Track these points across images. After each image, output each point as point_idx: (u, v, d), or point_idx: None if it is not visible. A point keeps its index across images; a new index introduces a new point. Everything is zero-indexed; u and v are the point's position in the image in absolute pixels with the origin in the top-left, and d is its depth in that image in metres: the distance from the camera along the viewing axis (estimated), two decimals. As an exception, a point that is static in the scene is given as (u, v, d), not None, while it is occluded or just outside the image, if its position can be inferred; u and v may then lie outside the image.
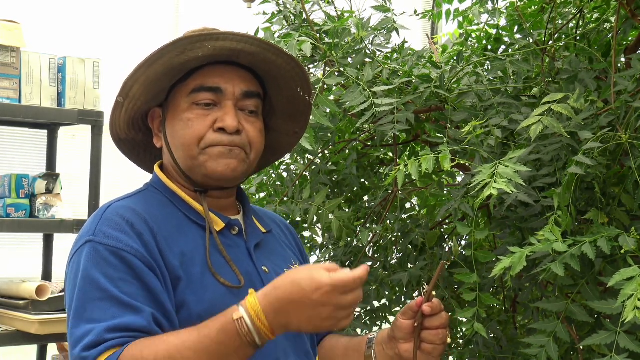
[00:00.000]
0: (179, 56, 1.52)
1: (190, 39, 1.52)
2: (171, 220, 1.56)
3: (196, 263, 1.53)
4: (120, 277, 1.44)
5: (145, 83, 1.56)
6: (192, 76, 1.57)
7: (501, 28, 2.34)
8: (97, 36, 6.04)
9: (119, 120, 1.64)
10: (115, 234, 1.48)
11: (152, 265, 1.47)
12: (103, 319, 1.41)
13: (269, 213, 1.85)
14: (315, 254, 2.52)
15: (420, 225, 2.20)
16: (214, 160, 1.56)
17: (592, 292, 1.70)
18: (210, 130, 1.56)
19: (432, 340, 1.57)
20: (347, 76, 2.03)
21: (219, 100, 1.57)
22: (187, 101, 1.57)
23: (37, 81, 3.01)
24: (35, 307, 2.81)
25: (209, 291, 1.51)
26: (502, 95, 2.02)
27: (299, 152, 2.40)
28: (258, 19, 2.33)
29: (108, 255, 1.46)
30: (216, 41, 1.53)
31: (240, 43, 1.55)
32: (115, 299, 1.42)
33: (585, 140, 1.68)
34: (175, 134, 1.58)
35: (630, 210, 1.76)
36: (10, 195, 2.97)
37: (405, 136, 2.35)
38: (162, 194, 1.62)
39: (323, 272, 1.36)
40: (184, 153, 1.58)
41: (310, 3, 2.25)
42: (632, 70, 1.78)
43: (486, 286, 1.95)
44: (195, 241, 1.56)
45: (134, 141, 1.70)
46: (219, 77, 1.57)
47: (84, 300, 1.44)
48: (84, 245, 1.49)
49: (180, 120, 1.57)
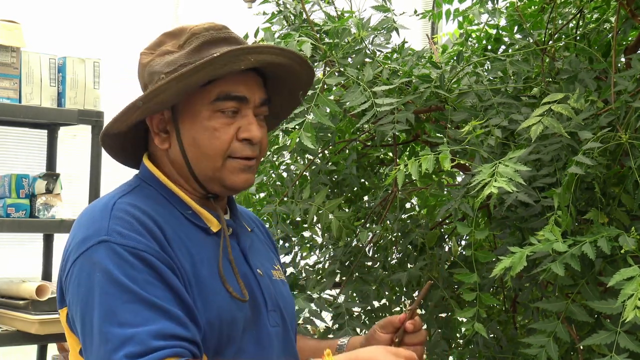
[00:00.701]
0: (221, 68, 1.49)
1: (233, 52, 1.49)
2: (172, 219, 1.52)
3: (204, 266, 1.49)
4: (144, 278, 1.39)
5: (174, 93, 1.50)
6: (213, 83, 1.52)
7: (501, 28, 2.34)
8: (97, 36, 6.04)
9: (127, 120, 1.55)
10: (130, 234, 1.42)
11: (172, 265, 1.43)
12: (138, 323, 1.35)
13: (246, 210, 1.82)
14: (315, 254, 2.52)
15: (420, 225, 2.20)
16: (235, 175, 1.54)
17: (592, 292, 1.70)
18: (234, 140, 1.53)
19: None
20: (347, 76, 2.03)
21: (242, 108, 1.54)
22: (209, 108, 1.52)
23: (37, 81, 3.00)
24: (35, 307, 2.81)
25: (217, 298, 1.47)
26: (502, 95, 2.02)
27: (299, 152, 2.39)
28: (258, 19, 2.33)
29: (128, 256, 1.40)
30: (259, 54, 1.51)
31: (279, 57, 1.55)
32: (146, 302, 1.37)
33: (585, 140, 1.68)
34: (198, 143, 1.53)
35: (630, 210, 1.76)
36: (10, 195, 2.97)
37: (405, 136, 2.35)
38: (156, 190, 1.56)
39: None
40: (208, 163, 1.53)
41: (310, 3, 2.25)
42: (632, 70, 1.78)
43: (486, 286, 1.95)
44: (198, 243, 1.52)
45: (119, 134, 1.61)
46: (243, 85, 1.54)
47: (110, 303, 1.37)
48: (96, 245, 1.42)
49: (204, 129, 1.52)
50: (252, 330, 1.52)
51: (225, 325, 1.47)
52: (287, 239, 2.39)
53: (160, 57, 1.55)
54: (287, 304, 1.66)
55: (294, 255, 2.48)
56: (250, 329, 1.52)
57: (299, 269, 2.45)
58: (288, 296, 1.69)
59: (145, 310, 1.36)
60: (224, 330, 1.47)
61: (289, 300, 1.69)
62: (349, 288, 2.22)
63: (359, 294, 2.27)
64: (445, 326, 2.18)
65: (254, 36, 2.26)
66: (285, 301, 1.65)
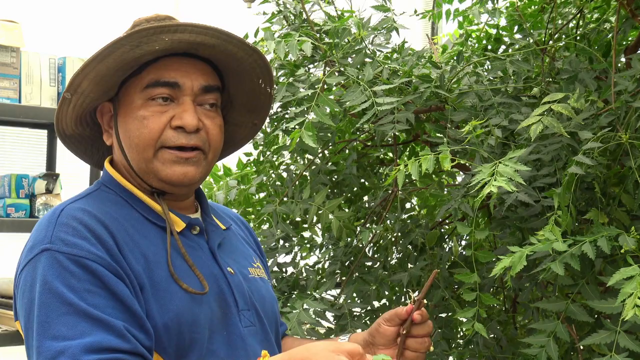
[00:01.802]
0: (133, 50, 1.41)
1: (146, 31, 1.40)
2: (129, 221, 1.46)
3: (160, 268, 1.43)
4: (85, 287, 1.33)
5: (95, 79, 1.43)
6: (147, 69, 1.46)
7: (501, 28, 2.34)
8: (97, 36, 6.04)
9: (65, 117, 1.51)
10: (74, 241, 1.36)
11: (118, 271, 1.37)
12: (72, 335, 1.30)
13: (224, 209, 1.77)
14: (315, 254, 2.52)
15: (420, 225, 2.20)
16: (168, 168, 1.47)
17: (592, 291, 1.70)
18: (167, 128, 1.46)
19: (417, 348, 1.54)
20: (348, 76, 2.03)
21: (176, 95, 1.47)
22: (141, 97, 1.46)
23: (37, 81, 3.00)
24: (35, 307, 2.81)
25: (174, 299, 1.41)
26: (502, 95, 2.02)
27: (299, 152, 2.39)
28: (258, 19, 2.33)
29: (70, 264, 1.34)
30: (174, 33, 1.42)
31: (200, 35, 1.44)
32: (83, 313, 1.31)
33: (585, 140, 1.68)
34: (129, 133, 1.47)
35: (630, 210, 1.76)
36: (10, 195, 2.97)
37: (405, 136, 2.35)
38: (116, 194, 1.51)
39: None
40: (138, 155, 1.47)
41: (310, 3, 2.25)
42: (632, 70, 1.79)
43: (486, 286, 1.95)
44: (157, 244, 1.46)
45: (81, 136, 1.58)
46: (175, 70, 1.46)
47: (47, 315, 1.32)
48: (39, 254, 1.37)
49: (134, 118, 1.46)
50: (221, 332, 1.47)
51: (186, 327, 1.41)
52: (287, 239, 2.39)
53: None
54: (265, 303, 1.60)
55: (294, 255, 2.48)
56: (219, 330, 1.46)
57: (299, 269, 2.45)
58: (267, 294, 1.63)
59: (82, 322, 1.31)
60: (184, 333, 1.41)
61: (268, 299, 1.62)
62: (349, 288, 2.22)
63: (359, 294, 2.27)
64: (445, 326, 2.18)
65: (254, 36, 2.26)
66: (263, 300, 1.60)
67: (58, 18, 6.02)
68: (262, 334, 1.55)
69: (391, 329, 1.55)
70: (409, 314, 1.53)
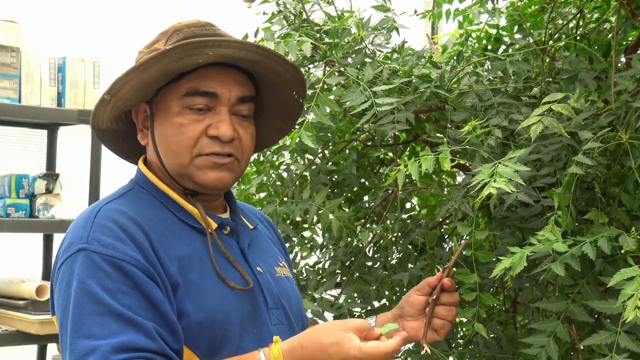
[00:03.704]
0: (177, 62, 1.46)
1: (190, 45, 1.45)
2: (163, 222, 1.50)
3: (194, 268, 1.47)
4: (118, 288, 1.38)
5: (136, 86, 1.49)
6: (186, 77, 1.50)
7: (501, 28, 2.34)
8: (97, 36, 6.04)
9: (102, 115, 1.56)
10: (110, 242, 1.41)
11: (152, 273, 1.41)
12: (104, 335, 1.35)
13: (251, 208, 1.80)
14: (315, 254, 2.52)
15: (420, 225, 2.20)
16: (204, 173, 1.51)
17: (593, 292, 1.70)
18: (203, 137, 1.50)
19: (445, 315, 1.60)
20: (347, 76, 2.03)
21: (214, 105, 1.51)
22: (179, 104, 1.50)
23: (37, 81, 3.00)
24: (35, 307, 2.81)
25: (208, 298, 1.46)
26: (502, 95, 2.02)
27: (299, 152, 2.40)
28: (258, 18, 2.33)
29: (105, 265, 1.39)
30: (218, 48, 1.47)
31: (242, 51, 1.49)
32: (115, 313, 1.36)
33: (585, 140, 1.68)
34: (166, 139, 1.52)
35: (630, 210, 1.76)
36: (10, 195, 2.97)
37: (405, 136, 2.35)
38: (150, 194, 1.55)
39: (354, 341, 1.36)
40: (174, 159, 1.52)
41: (310, 3, 2.25)
42: (632, 70, 1.78)
43: (486, 286, 1.95)
44: (191, 245, 1.50)
45: (114, 131, 1.63)
46: (214, 80, 1.51)
47: (81, 314, 1.37)
48: (76, 253, 1.42)
49: (171, 125, 1.51)
50: (252, 329, 1.51)
51: (218, 325, 1.46)
52: (287, 239, 2.39)
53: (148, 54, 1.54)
54: (292, 301, 1.64)
55: (294, 256, 2.48)
56: (249, 328, 1.51)
57: (300, 269, 2.45)
58: (293, 293, 1.67)
59: (113, 322, 1.36)
60: (216, 330, 1.45)
61: (294, 297, 1.67)
62: (349, 288, 2.22)
63: (359, 294, 2.27)
64: (446, 326, 2.17)
65: (254, 36, 2.26)
66: (290, 298, 1.64)
67: (58, 18, 6.02)
68: (289, 331, 1.59)
69: (421, 298, 1.62)
70: (439, 280, 1.60)
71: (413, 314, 1.62)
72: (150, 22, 6.18)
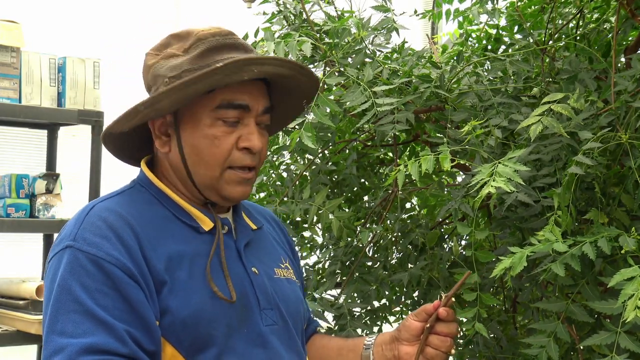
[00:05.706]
0: (223, 78, 1.48)
1: (237, 64, 1.48)
2: (159, 220, 1.52)
3: (184, 266, 1.48)
4: (97, 288, 1.40)
5: (178, 100, 1.49)
6: (218, 89, 1.51)
7: (501, 28, 2.34)
8: (97, 36, 6.04)
9: (126, 124, 1.55)
10: (96, 240, 1.43)
11: (134, 274, 1.43)
12: (76, 334, 1.37)
13: (259, 208, 1.81)
14: (315, 254, 2.52)
15: (420, 225, 2.20)
16: (232, 187, 1.55)
17: (593, 292, 1.70)
18: (234, 149, 1.53)
19: (438, 345, 1.58)
20: (347, 76, 2.03)
21: (243, 117, 1.54)
22: (211, 116, 1.52)
23: (37, 81, 3.01)
24: (35, 307, 2.81)
25: (195, 295, 1.47)
26: (502, 95, 2.02)
27: (299, 152, 2.40)
28: (258, 19, 2.33)
29: (87, 263, 1.41)
30: (262, 66, 1.50)
31: (282, 68, 1.54)
32: (90, 313, 1.38)
33: (585, 140, 1.68)
34: (199, 151, 1.53)
35: (630, 210, 1.76)
36: (10, 195, 2.97)
37: (405, 136, 2.35)
38: (149, 192, 1.57)
39: None
40: (205, 171, 1.54)
41: (310, 3, 2.25)
42: (632, 70, 1.78)
43: (486, 286, 1.95)
44: (185, 242, 1.52)
45: (121, 134, 1.61)
46: (246, 93, 1.53)
47: (58, 311, 1.40)
48: (63, 250, 1.45)
49: (204, 137, 1.52)
50: (242, 329, 1.51)
51: (204, 323, 1.46)
52: (287, 239, 2.39)
53: (165, 59, 1.55)
54: (289, 303, 1.64)
55: (294, 255, 2.47)
56: (239, 328, 1.51)
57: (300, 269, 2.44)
58: (292, 295, 1.67)
59: (87, 322, 1.38)
60: (201, 329, 1.46)
61: (292, 299, 1.66)
62: (349, 288, 2.22)
63: (359, 294, 2.27)
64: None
65: (254, 36, 2.26)
66: (288, 300, 1.64)
67: (58, 18, 6.02)
68: (285, 333, 1.59)
69: (417, 323, 1.60)
70: (435, 308, 1.58)
71: (409, 338, 1.60)
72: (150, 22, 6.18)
